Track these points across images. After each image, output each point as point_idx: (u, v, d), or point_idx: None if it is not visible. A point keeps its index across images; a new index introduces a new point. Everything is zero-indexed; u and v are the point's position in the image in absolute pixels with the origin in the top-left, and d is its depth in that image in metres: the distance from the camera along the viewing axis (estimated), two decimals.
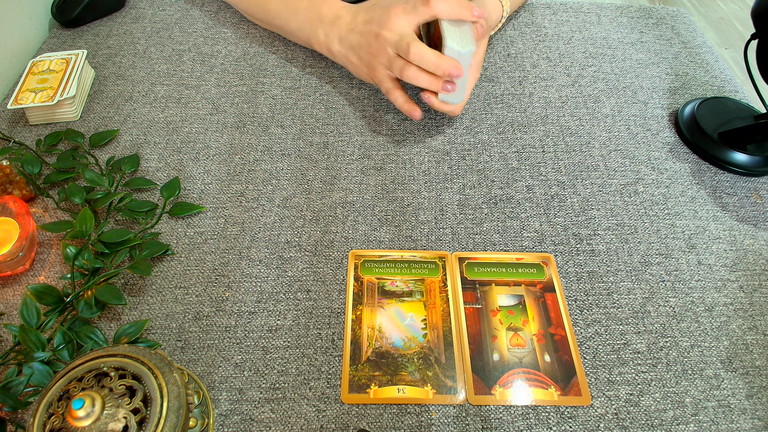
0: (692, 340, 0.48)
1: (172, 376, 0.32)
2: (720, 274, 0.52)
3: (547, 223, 0.55)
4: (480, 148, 0.61)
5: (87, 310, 0.46)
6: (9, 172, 0.54)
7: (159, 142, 0.61)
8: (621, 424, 0.43)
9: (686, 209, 0.57)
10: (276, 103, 0.65)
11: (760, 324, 0.49)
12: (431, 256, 0.52)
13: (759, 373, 0.46)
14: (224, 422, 0.42)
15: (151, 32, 0.74)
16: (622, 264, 0.52)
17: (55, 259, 0.51)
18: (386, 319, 0.48)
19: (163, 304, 0.48)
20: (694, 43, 0.76)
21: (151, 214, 0.54)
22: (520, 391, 0.44)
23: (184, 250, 0.52)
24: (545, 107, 0.66)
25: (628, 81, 0.70)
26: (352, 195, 0.57)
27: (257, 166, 0.59)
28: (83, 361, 0.32)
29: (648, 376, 0.45)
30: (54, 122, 0.62)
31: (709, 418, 0.43)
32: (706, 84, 0.70)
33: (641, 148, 0.62)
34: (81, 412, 0.29)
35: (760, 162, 0.59)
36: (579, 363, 0.46)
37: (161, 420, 0.30)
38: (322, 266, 0.51)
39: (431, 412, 0.43)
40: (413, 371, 0.45)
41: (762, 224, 0.56)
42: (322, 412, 0.43)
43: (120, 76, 0.68)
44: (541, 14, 0.79)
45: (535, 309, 0.49)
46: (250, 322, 0.47)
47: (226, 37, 0.73)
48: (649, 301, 0.50)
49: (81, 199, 0.53)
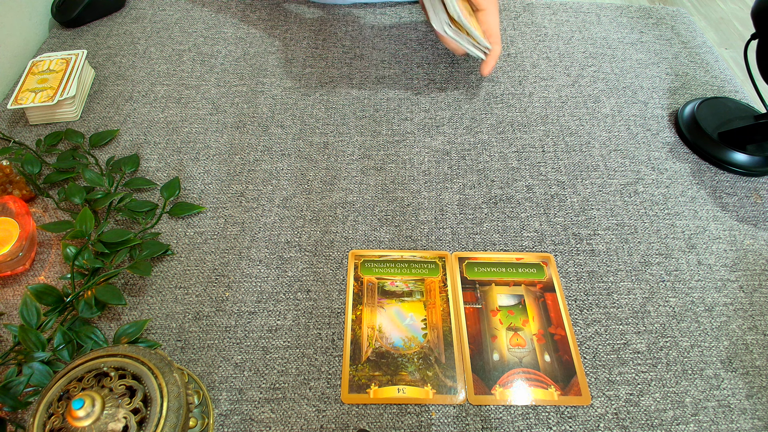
0: (692, 340, 0.48)
1: (172, 376, 0.32)
2: (720, 274, 0.52)
3: (547, 223, 0.55)
4: (480, 148, 0.61)
5: (87, 310, 0.46)
6: (9, 172, 0.54)
7: (159, 142, 0.61)
8: (621, 424, 0.43)
9: (686, 209, 0.57)
10: (276, 103, 0.65)
11: (760, 324, 0.49)
12: (431, 256, 0.52)
13: (759, 373, 0.46)
14: (224, 422, 0.42)
15: (151, 32, 0.74)
16: (622, 264, 0.52)
17: (55, 259, 0.51)
18: (386, 319, 0.48)
19: (163, 304, 0.48)
20: (694, 43, 0.76)
21: (151, 214, 0.54)
22: (520, 391, 0.44)
23: (184, 250, 0.52)
24: (545, 107, 0.66)
25: (628, 81, 0.70)
26: (352, 195, 0.57)
27: (257, 166, 0.59)
28: (83, 361, 0.32)
29: (648, 376, 0.45)
30: (54, 122, 0.62)
31: (709, 418, 0.43)
32: (706, 84, 0.70)
33: (641, 148, 0.62)
34: (81, 412, 0.29)
35: (760, 162, 0.59)
36: (579, 363, 0.46)
37: (161, 420, 0.30)
38: (322, 266, 0.51)
39: (431, 412, 0.43)
40: (413, 371, 0.45)
41: (762, 224, 0.56)
42: (322, 412, 0.43)
43: (120, 76, 0.68)
44: (541, 14, 0.79)
45: (535, 309, 0.49)
46: (250, 322, 0.47)
47: (226, 37, 0.73)
48: (649, 301, 0.50)
49: (81, 199, 0.53)
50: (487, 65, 0.63)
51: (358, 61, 0.71)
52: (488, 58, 0.63)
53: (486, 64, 0.63)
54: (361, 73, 0.69)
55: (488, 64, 0.63)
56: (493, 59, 0.63)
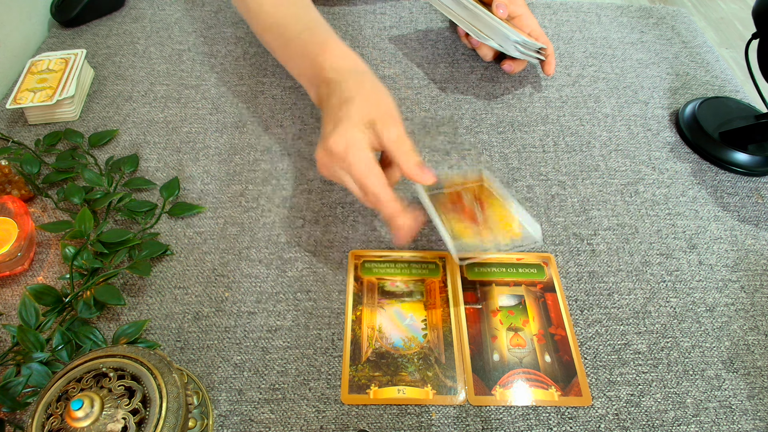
0: (693, 341, 0.47)
1: (171, 377, 0.32)
2: (721, 274, 0.52)
3: (547, 223, 0.55)
4: (480, 148, 0.61)
5: (86, 311, 0.45)
6: (8, 172, 0.54)
7: (158, 142, 0.61)
8: (622, 424, 0.43)
9: (687, 209, 0.57)
10: (276, 103, 0.65)
11: (761, 324, 0.49)
12: (431, 256, 0.52)
13: (760, 374, 0.46)
14: (224, 423, 0.42)
15: (150, 32, 0.74)
16: (623, 264, 0.52)
17: (54, 260, 0.51)
18: (386, 319, 0.48)
19: (163, 304, 0.48)
20: (694, 42, 0.76)
21: (150, 214, 0.54)
22: (521, 392, 0.44)
23: (184, 250, 0.52)
24: (545, 107, 0.66)
25: (629, 81, 0.70)
26: (352, 195, 0.56)
27: (257, 166, 0.59)
28: (82, 362, 0.32)
29: (649, 376, 0.45)
30: (53, 122, 0.62)
31: (711, 419, 0.43)
32: (707, 84, 0.70)
33: (642, 148, 0.62)
34: (80, 412, 0.28)
35: (761, 162, 0.59)
36: (579, 363, 0.45)
37: (160, 421, 0.30)
38: (322, 266, 0.51)
39: (431, 413, 0.43)
40: (413, 371, 0.45)
41: (763, 224, 0.56)
42: (321, 412, 0.43)
43: (119, 75, 0.68)
44: (541, 14, 0.79)
45: (535, 309, 0.49)
46: (250, 323, 0.47)
47: (226, 37, 0.73)
48: (650, 302, 0.50)
49: (80, 199, 0.53)
50: (549, 65, 0.65)
51: None
52: (547, 58, 0.64)
53: (548, 65, 0.65)
54: None
55: (550, 64, 0.65)
56: (552, 57, 0.64)
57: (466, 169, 0.56)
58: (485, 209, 0.48)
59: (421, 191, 0.48)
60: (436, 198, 0.49)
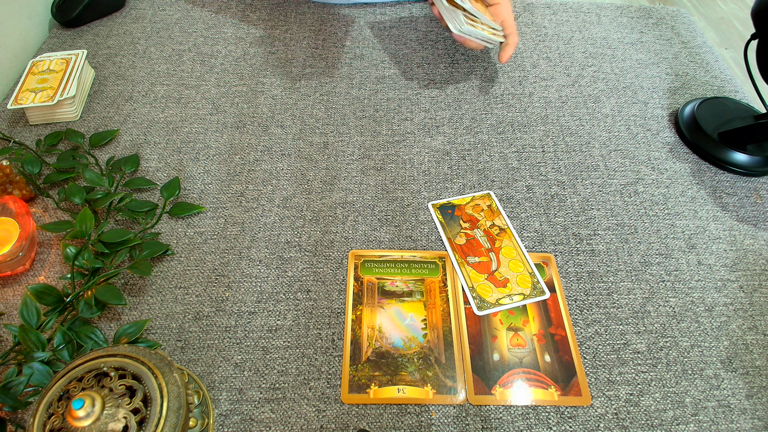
0: (692, 340, 0.47)
1: (172, 376, 0.32)
2: (720, 274, 0.52)
3: (547, 223, 0.55)
4: (480, 148, 0.61)
5: (87, 310, 0.46)
6: (9, 172, 0.54)
7: (159, 142, 0.61)
8: (621, 424, 0.43)
9: (686, 209, 0.57)
10: (276, 103, 0.65)
11: (760, 324, 0.49)
12: (431, 256, 0.52)
13: (759, 373, 0.46)
14: (224, 422, 0.42)
15: (151, 32, 0.74)
16: (622, 264, 0.52)
17: (55, 259, 0.51)
18: (386, 319, 0.48)
19: (163, 304, 0.48)
20: (694, 43, 0.76)
21: (151, 214, 0.54)
22: (520, 391, 0.44)
23: (184, 250, 0.52)
24: (545, 107, 0.66)
25: (628, 81, 0.70)
26: (352, 195, 0.57)
27: (257, 166, 0.59)
28: (83, 361, 0.32)
29: (648, 376, 0.45)
30: (54, 122, 0.62)
31: (709, 418, 0.43)
32: (706, 84, 0.70)
33: (641, 148, 0.62)
34: (81, 412, 0.29)
35: (760, 162, 0.59)
36: (579, 363, 0.46)
37: (161, 420, 0.30)
38: (322, 266, 0.51)
39: (431, 412, 0.43)
40: (413, 371, 0.45)
41: (762, 224, 0.56)
42: (322, 412, 0.43)
43: (120, 76, 0.68)
44: (541, 14, 0.79)
45: (535, 309, 0.49)
46: (250, 322, 0.47)
47: (226, 37, 0.73)
48: (649, 301, 0.50)
49: (81, 199, 0.53)
50: (505, 53, 0.64)
51: (358, 61, 0.71)
52: (506, 47, 0.63)
53: (504, 52, 0.64)
54: (361, 73, 0.69)
55: (506, 52, 0.64)
56: (510, 47, 0.63)
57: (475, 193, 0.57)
58: (498, 254, 0.51)
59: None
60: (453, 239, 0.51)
